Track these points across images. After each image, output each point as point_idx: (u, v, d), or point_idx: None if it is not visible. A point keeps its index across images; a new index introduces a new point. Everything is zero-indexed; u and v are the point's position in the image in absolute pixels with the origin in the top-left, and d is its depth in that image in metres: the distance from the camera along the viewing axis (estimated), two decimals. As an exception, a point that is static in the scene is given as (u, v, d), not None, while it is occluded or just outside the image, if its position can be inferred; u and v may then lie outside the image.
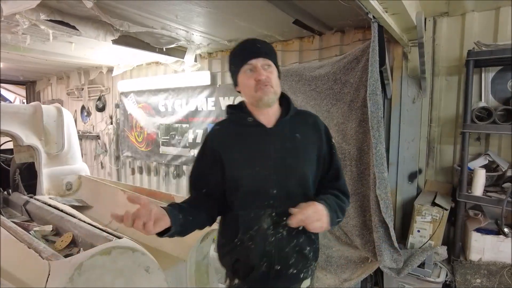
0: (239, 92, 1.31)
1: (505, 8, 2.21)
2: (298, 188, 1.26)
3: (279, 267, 1.25)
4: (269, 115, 1.29)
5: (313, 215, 1.11)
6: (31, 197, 3.13)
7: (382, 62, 2.11)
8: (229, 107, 1.38)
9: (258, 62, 1.21)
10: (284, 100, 1.34)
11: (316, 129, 1.34)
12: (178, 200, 1.66)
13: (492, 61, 2.15)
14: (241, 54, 1.26)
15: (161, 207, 1.11)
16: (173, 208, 1.16)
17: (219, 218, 1.37)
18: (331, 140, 1.38)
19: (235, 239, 1.26)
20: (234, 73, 1.29)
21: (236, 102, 1.41)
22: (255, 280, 1.27)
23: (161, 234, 1.09)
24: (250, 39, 1.29)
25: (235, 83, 1.31)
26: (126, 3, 2.30)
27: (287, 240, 1.25)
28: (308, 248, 1.29)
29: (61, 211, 2.62)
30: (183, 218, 1.15)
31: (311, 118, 1.37)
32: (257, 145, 1.26)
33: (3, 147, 3.74)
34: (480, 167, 2.18)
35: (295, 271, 1.28)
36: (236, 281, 1.33)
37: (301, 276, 1.30)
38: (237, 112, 1.33)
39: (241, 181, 1.24)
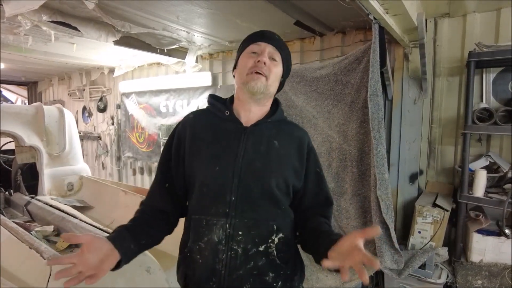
0: (234, 77, 1.18)
1: (506, 9, 2.21)
2: (261, 199, 1.06)
3: None
4: (251, 113, 1.13)
5: None
6: (32, 197, 3.14)
7: (383, 63, 2.11)
8: (211, 96, 1.23)
9: (267, 47, 1.10)
10: (273, 104, 1.20)
11: (301, 144, 1.16)
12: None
13: (493, 62, 2.15)
14: (254, 35, 1.14)
15: (109, 236, 0.97)
16: (122, 237, 1.00)
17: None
18: (317, 161, 1.20)
19: (185, 249, 1.10)
20: (239, 52, 1.16)
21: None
22: None
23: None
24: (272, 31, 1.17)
25: (235, 65, 1.17)
26: (128, 4, 2.31)
27: (241, 260, 1.03)
28: (271, 274, 1.06)
29: (62, 211, 2.62)
30: (135, 245, 1.02)
31: (298, 132, 1.20)
32: (226, 141, 1.09)
33: (4, 147, 3.76)
34: (481, 168, 2.18)
35: None
36: None
37: None
38: (217, 103, 1.18)
39: (198, 179, 1.08)
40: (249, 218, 1.04)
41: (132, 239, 1.01)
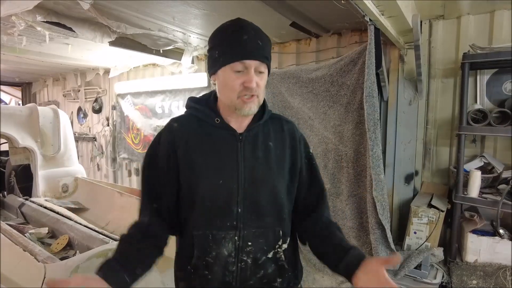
0: (214, 82, 1.08)
1: (499, 11, 2.23)
2: (269, 206, 1.06)
3: None
4: (240, 118, 1.07)
5: None
6: (26, 199, 3.11)
7: (378, 65, 2.12)
8: (192, 100, 1.13)
9: (253, 64, 0.98)
10: None
11: (292, 137, 1.14)
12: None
13: (487, 64, 2.16)
14: (236, 46, 0.99)
15: (99, 273, 0.91)
16: (115, 271, 0.94)
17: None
18: (309, 152, 1.18)
19: (189, 266, 1.05)
20: (216, 61, 1.02)
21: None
22: None
23: None
24: (251, 28, 1.03)
25: (214, 70, 1.05)
26: (123, 5, 2.30)
27: (252, 271, 1.04)
28: (279, 279, 1.08)
29: (57, 213, 2.61)
30: (130, 277, 0.96)
31: (287, 125, 1.16)
32: (223, 151, 1.05)
33: (-2, 149, 3.73)
34: (475, 168, 2.20)
35: None
36: None
37: None
38: (202, 108, 1.09)
39: (199, 193, 1.03)
40: (256, 227, 1.04)
41: (125, 271, 0.96)
